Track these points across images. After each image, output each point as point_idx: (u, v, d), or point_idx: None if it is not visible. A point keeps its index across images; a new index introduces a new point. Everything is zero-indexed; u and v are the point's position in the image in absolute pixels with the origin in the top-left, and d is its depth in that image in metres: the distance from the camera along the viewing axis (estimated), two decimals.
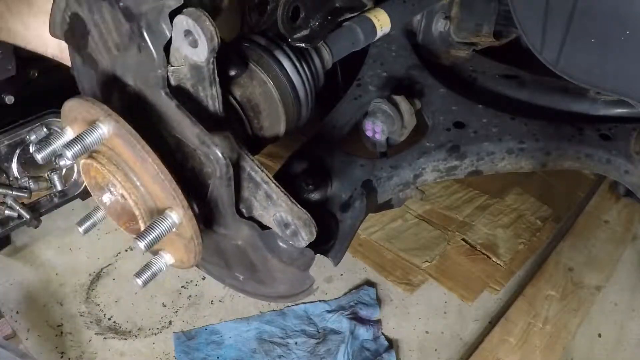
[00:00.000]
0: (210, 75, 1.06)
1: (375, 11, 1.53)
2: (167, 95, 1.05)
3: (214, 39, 0.99)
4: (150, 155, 1.02)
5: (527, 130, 1.64)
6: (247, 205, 1.17)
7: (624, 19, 1.25)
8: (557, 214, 2.70)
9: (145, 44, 1.02)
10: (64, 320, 2.23)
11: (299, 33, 1.35)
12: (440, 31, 1.92)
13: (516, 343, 2.14)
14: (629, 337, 2.24)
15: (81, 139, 1.03)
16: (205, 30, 0.98)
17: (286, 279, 1.27)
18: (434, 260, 2.47)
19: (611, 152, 1.62)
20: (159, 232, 1.05)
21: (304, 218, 1.12)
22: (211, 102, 1.10)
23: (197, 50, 1.01)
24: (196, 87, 1.08)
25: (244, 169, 1.13)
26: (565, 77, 1.45)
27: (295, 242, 1.14)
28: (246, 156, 1.12)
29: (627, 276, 2.46)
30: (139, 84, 1.10)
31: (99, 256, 2.44)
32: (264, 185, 1.12)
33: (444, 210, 2.68)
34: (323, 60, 1.42)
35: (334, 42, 1.45)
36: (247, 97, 1.27)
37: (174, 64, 1.06)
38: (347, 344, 2.10)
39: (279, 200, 1.13)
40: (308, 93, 1.37)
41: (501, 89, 1.89)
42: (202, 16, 0.98)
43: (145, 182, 1.08)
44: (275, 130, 1.35)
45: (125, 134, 1.02)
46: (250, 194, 1.15)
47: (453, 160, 1.58)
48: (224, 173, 1.07)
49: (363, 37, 1.49)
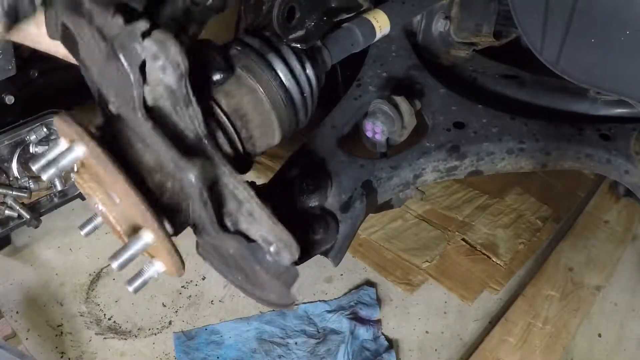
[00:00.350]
0: (184, 97, 1.04)
1: (375, 12, 1.53)
2: (142, 117, 1.03)
3: (179, 66, 0.97)
4: (120, 175, 1.00)
5: (527, 131, 1.64)
6: (234, 220, 1.15)
7: (624, 19, 1.25)
8: (557, 214, 2.70)
9: (121, 64, 1.00)
10: (64, 320, 2.23)
11: (294, 33, 1.34)
12: (440, 31, 1.92)
13: (516, 343, 2.14)
14: (629, 337, 2.25)
15: (56, 161, 1.02)
16: (169, 57, 0.96)
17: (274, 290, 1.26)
18: (434, 260, 2.47)
19: (611, 152, 1.62)
20: (132, 252, 1.04)
21: (284, 239, 1.10)
22: (190, 121, 1.07)
23: (166, 76, 0.99)
24: (174, 106, 1.06)
25: (226, 186, 1.11)
26: (565, 77, 1.45)
27: (279, 260, 1.13)
28: (228, 174, 1.10)
29: (627, 276, 2.46)
30: (118, 102, 1.08)
31: (99, 256, 2.44)
32: (246, 204, 1.11)
33: (444, 210, 2.69)
34: (323, 62, 1.41)
35: (333, 43, 1.44)
36: (234, 106, 1.22)
37: (150, 84, 1.04)
38: (347, 344, 2.10)
39: (261, 219, 1.10)
40: (306, 96, 1.33)
41: (501, 89, 1.89)
42: (166, 42, 0.96)
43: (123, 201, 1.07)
44: (268, 139, 1.30)
45: (98, 154, 1.01)
46: (236, 209, 1.14)
47: (453, 161, 1.58)
48: (197, 197, 1.06)
49: (362, 38, 1.48)
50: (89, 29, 1.04)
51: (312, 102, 1.37)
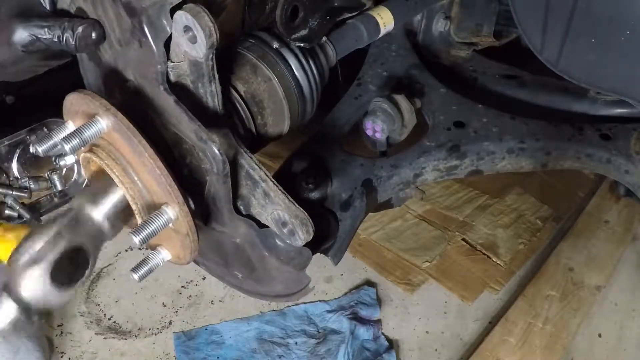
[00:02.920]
0: (209, 72, 1.06)
1: (379, 9, 1.53)
2: (165, 91, 1.05)
3: (212, 35, 0.99)
4: (147, 150, 1.02)
5: (527, 130, 1.64)
6: (245, 203, 1.17)
7: (624, 19, 1.25)
8: (557, 214, 2.70)
9: (146, 39, 1.03)
10: (64, 320, 2.23)
11: (297, 33, 1.35)
12: (441, 31, 1.92)
13: (516, 343, 2.14)
14: (629, 338, 2.24)
15: (80, 132, 1.03)
16: (203, 26, 0.98)
17: (283, 278, 1.27)
18: (434, 260, 2.47)
19: (611, 152, 1.62)
20: (154, 228, 1.05)
21: (301, 217, 1.12)
22: (210, 98, 1.10)
23: (195, 46, 1.01)
24: (196, 83, 1.08)
25: (242, 167, 1.13)
26: (566, 77, 1.45)
27: (293, 241, 1.14)
28: (245, 154, 1.12)
29: (627, 276, 2.45)
30: (139, 79, 1.10)
31: (99, 256, 2.44)
32: (262, 184, 1.12)
33: (444, 210, 2.68)
34: (327, 57, 1.42)
35: (337, 39, 1.45)
36: (252, 92, 1.27)
37: (173, 60, 1.07)
38: (347, 344, 2.10)
39: (277, 198, 1.12)
40: (312, 90, 1.37)
41: (501, 88, 1.89)
42: (201, 12, 0.98)
43: (142, 177, 1.08)
44: (279, 127, 1.35)
45: (123, 128, 1.02)
46: (249, 191, 1.15)
47: (453, 160, 1.59)
48: (221, 170, 1.07)
49: (367, 34, 1.50)
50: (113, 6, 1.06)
51: (318, 95, 1.39)
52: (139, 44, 1.05)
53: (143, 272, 1.14)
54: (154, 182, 1.05)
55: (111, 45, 1.12)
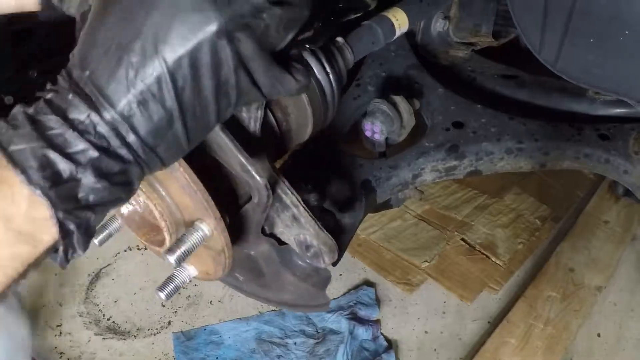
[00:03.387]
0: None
1: (394, 11, 1.53)
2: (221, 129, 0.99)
3: None
4: (180, 164, 0.96)
5: (525, 130, 1.64)
6: (270, 223, 1.16)
7: (623, 19, 1.25)
8: (556, 214, 2.70)
9: None
10: (63, 320, 2.23)
11: (302, 34, 1.34)
12: (439, 31, 1.91)
13: (518, 344, 2.14)
14: (628, 337, 2.25)
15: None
16: None
17: (295, 292, 1.26)
18: (433, 260, 2.47)
19: (610, 152, 1.62)
20: (190, 245, 1.00)
21: (329, 244, 1.11)
22: (253, 123, 1.08)
23: None
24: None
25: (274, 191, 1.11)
26: (564, 77, 1.44)
27: (314, 263, 1.14)
28: (281, 182, 1.10)
29: (626, 276, 2.46)
30: None
31: (98, 256, 2.44)
32: (293, 209, 1.11)
33: (443, 210, 2.69)
34: (345, 60, 1.41)
35: (354, 41, 1.44)
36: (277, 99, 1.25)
37: None
38: (346, 344, 2.10)
39: (307, 225, 1.11)
40: (334, 93, 1.35)
41: (500, 89, 1.89)
42: None
43: (172, 193, 1.04)
44: (302, 133, 1.32)
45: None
46: (275, 212, 1.14)
47: (452, 160, 1.58)
48: (264, 202, 1.05)
49: (383, 36, 1.49)
50: None
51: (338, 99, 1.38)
52: None
53: (169, 291, 1.11)
54: (187, 198, 1.01)
55: None
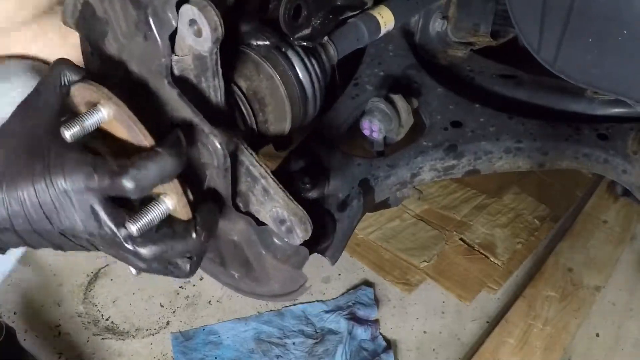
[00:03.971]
0: (213, 66, 1.06)
1: (379, 8, 1.53)
2: (169, 84, 1.06)
3: (217, 29, 0.99)
4: (146, 138, 1.01)
5: (524, 130, 1.64)
6: (244, 200, 1.17)
7: (622, 19, 1.25)
8: (555, 214, 2.70)
9: (151, 33, 1.03)
10: (61, 320, 2.23)
11: (300, 32, 1.35)
12: (438, 31, 1.91)
13: (517, 344, 2.14)
14: (627, 337, 2.25)
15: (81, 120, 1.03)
16: (209, 20, 0.98)
17: (280, 277, 1.27)
18: (432, 260, 2.47)
19: (609, 151, 1.62)
20: (151, 217, 1.03)
21: (299, 215, 1.12)
22: (213, 93, 1.10)
23: (200, 40, 1.01)
24: (199, 77, 1.08)
25: (242, 163, 1.12)
26: (563, 77, 1.44)
27: (290, 239, 1.14)
28: (245, 150, 1.12)
29: (624, 276, 2.46)
30: (142, 72, 1.10)
31: (96, 256, 2.44)
32: (262, 180, 1.12)
33: (441, 210, 2.69)
34: (329, 56, 1.42)
35: (338, 38, 1.45)
36: (254, 89, 1.27)
37: (178, 54, 1.07)
38: (345, 344, 2.10)
39: (276, 195, 1.13)
40: (315, 89, 1.37)
41: (498, 88, 1.89)
42: (207, 6, 0.98)
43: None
44: (281, 126, 1.35)
45: (124, 117, 1.02)
46: (248, 188, 1.15)
47: (450, 160, 1.58)
48: (222, 163, 1.07)
49: (367, 34, 1.49)
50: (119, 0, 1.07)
51: (320, 95, 1.39)
52: (144, 37, 1.05)
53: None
54: None
55: (116, 39, 1.12)
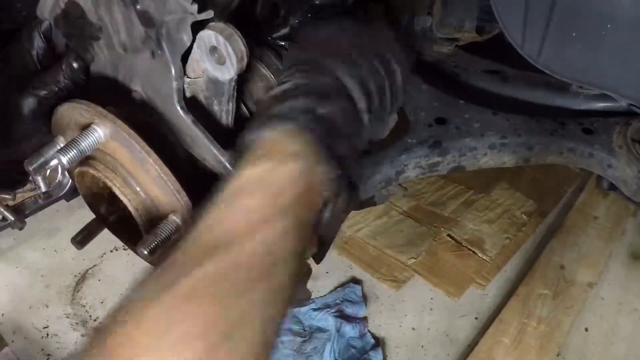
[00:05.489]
0: (229, 91, 1.02)
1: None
2: (182, 110, 1.01)
3: (243, 60, 0.95)
4: (150, 155, 0.98)
5: (509, 126, 1.63)
6: None
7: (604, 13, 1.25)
8: (543, 209, 2.71)
9: (162, 53, 0.98)
10: (50, 322, 2.22)
11: (278, 32, 1.34)
12: (423, 27, 1.91)
13: (511, 344, 2.14)
14: (617, 332, 2.25)
15: (76, 143, 0.99)
16: (236, 50, 0.94)
17: None
18: (420, 256, 2.47)
19: (594, 146, 1.62)
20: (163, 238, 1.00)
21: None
22: (225, 116, 1.07)
23: (222, 68, 0.97)
24: (210, 100, 1.05)
25: None
26: (547, 72, 1.44)
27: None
28: None
29: (615, 271, 2.46)
30: (148, 92, 1.06)
31: (84, 257, 2.43)
32: None
33: (429, 206, 2.69)
34: None
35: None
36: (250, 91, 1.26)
37: (190, 76, 1.02)
38: (333, 342, 2.10)
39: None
40: None
41: (484, 84, 1.88)
42: (234, 35, 0.93)
43: (146, 186, 1.04)
44: None
45: (123, 135, 0.97)
46: None
47: (435, 157, 1.58)
48: None
49: None
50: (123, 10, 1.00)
51: None
52: (151, 55, 1.00)
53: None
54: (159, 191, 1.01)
55: (111, 47, 1.07)
